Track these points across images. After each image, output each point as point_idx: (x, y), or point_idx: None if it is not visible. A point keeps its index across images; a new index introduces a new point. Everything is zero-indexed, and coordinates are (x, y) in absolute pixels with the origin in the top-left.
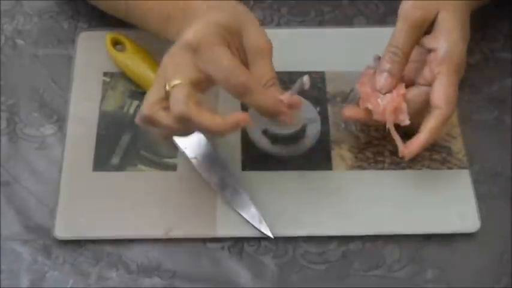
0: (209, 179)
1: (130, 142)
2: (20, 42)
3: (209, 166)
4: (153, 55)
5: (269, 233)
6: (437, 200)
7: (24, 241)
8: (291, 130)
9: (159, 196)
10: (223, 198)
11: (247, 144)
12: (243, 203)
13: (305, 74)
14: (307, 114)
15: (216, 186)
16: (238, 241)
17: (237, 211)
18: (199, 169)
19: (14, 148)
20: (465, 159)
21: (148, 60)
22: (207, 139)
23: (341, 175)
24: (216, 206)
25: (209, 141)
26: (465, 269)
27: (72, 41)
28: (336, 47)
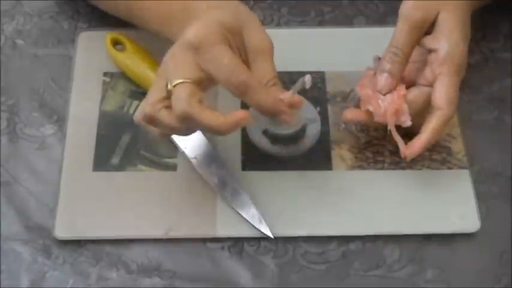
0: (209, 179)
1: (130, 142)
2: (20, 42)
3: (209, 166)
4: (153, 55)
5: (269, 233)
6: (437, 200)
7: (24, 241)
8: (291, 130)
9: (159, 196)
10: (223, 198)
11: (247, 144)
12: (243, 203)
13: (305, 74)
14: (307, 114)
15: (216, 186)
16: (238, 241)
17: (237, 211)
18: (199, 169)
19: (14, 148)
20: (465, 159)
21: (148, 60)
22: (207, 139)
23: (341, 175)
24: (216, 206)
25: (209, 141)
26: (465, 269)
27: (72, 41)
28: (336, 47)
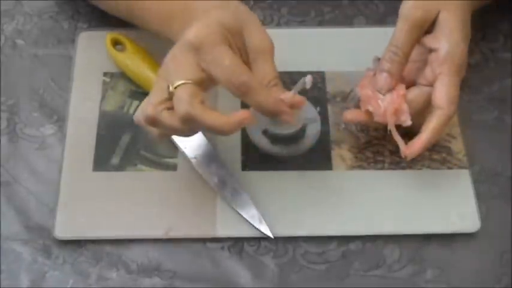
0: (209, 179)
1: (130, 142)
2: (20, 42)
3: (209, 166)
4: (153, 55)
5: (269, 233)
6: (437, 200)
7: (24, 241)
8: (291, 130)
9: (159, 196)
10: (223, 198)
11: (247, 144)
12: (243, 203)
13: (305, 74)
14: (307, 114)
15: (216, 186)
16: (238, 241)
17: (237, 211)
18: (199, 169)
19: (14, 148)
20: (465, 159)
21: (148, 60)
22: (207, 139)
23: (341, 175)
24: (216, 206)
25: (209, 141)
26: (465, 269)
27: (72, 41)
28: (336, 47)
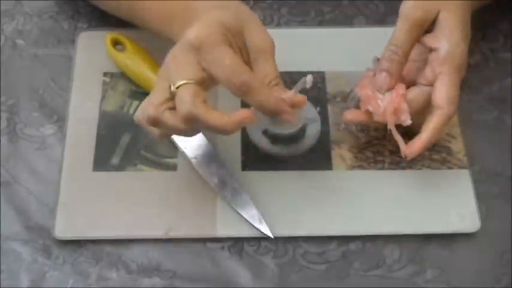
0: (209, 179)
1: (130, 142)
2: (20, 42)
3: (209, 166)
4: (154, 55)
5: (269, 233)
6: (437, 200)
7: (24, 241)
8: (291, 130)
9: (159, 196)
10: (223, 198)
11: (247, 144)
12: (243, 203)
13: (305, 74)
14: (307, 114)
15: (216, 186)
16: (238, 241)
17: (237, 211)
18: (199, 169)
19: (14, 148)
20: (465, 159)
21: (148, 60)
22: (207, 139)
23: (341, 175)
24: (216, 206)
25: (209, 141)
26: (465, 269)
27: (72, 41)
28: (336, 47)
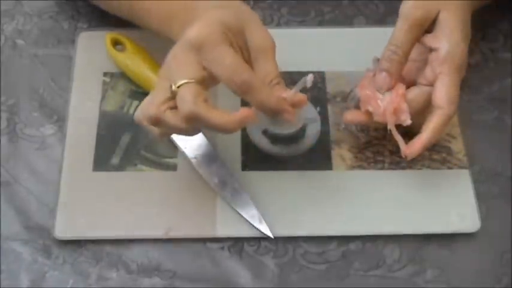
0: (209, 179)
1: (130, 142)
2: (20, 42)
3: (209, 166)
4: (154, 55)
5: (269, 233)
6: (437, 200)
7: (24, 241)
8: (291, 130)
9: (159, 196)
10: (223, 198)
11: (247, 144)
12: (243, 203)
13: (305, 74)
14: (307, 114)
15: (216, 186)
16: (238, 241)
17: (237, 211)
18: (199, 169)
19: (14, 148)
20: (465, 159)
21: (148, 60)
22: (207, 139)
23: (341, 175)
24: (216, 206)
25: (209, 141)
26: (465, 269)
27: (72, 41)
28: (336, 47)
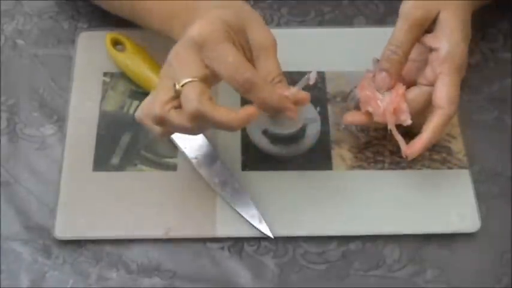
0: (209, 179)
1: (130, 142)
2: (20, 42)
3: (209, 166)
4: (154, 55)
5: (269, 233)
6: (437, 200)
7: (24, 241)
8: (291, 130)
9: (159, 196)
10: (223, 198)
11: (247, 144)
12: (243, 203)
13: (305, 74)
14: (307, 114)
15: (216, 186)
16: (238, 241)
17: (237, 211)
18: (199, 169)
19: (14, 148)
20: (465, 159)
21: (148, 60)
22: (207, 139)
23: (341, 175)
24: (216, 206)
25: (209, 141)
26: (465, 269)
27: (72, 41)
28: (336, 47)
